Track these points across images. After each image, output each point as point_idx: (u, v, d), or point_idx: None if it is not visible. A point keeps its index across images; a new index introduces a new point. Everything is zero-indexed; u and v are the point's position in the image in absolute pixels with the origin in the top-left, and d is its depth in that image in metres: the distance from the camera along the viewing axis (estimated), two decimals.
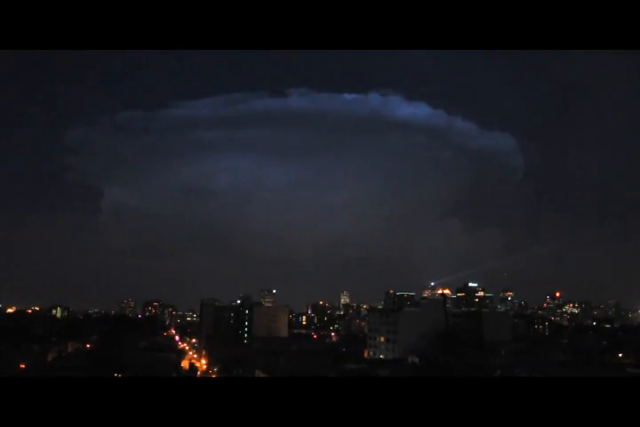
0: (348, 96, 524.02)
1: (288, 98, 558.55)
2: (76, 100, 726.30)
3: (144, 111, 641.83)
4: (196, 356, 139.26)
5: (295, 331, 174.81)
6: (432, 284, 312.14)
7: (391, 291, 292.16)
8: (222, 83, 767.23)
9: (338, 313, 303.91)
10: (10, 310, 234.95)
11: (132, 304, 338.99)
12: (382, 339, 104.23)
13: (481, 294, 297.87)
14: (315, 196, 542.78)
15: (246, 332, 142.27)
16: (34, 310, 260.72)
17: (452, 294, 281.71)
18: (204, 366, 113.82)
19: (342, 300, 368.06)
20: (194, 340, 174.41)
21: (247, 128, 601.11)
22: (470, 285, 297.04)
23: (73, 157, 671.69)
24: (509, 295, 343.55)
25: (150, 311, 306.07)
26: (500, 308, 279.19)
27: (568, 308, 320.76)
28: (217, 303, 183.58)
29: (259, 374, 73.12)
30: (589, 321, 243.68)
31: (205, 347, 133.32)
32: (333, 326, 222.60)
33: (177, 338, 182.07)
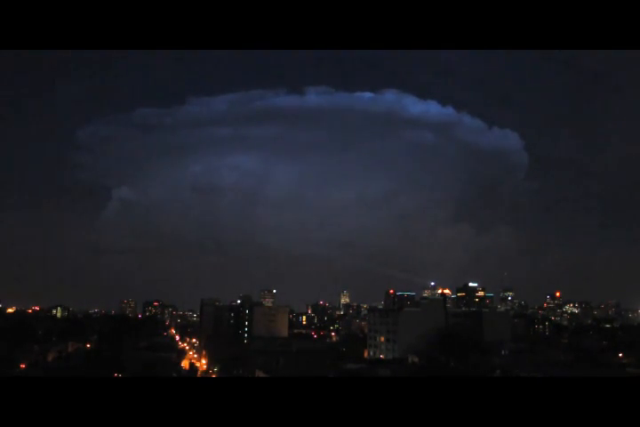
0: (365, 95, 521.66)
1: (305, 96, 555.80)
2: (95, 98, 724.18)
3: (160, 108, 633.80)
4: (196, 356, 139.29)
5: (295, 331, 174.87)
6: (432, 284, 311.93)
7: (391, 291, 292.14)
8: (243, 80, 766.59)
9: (338, 313, 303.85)
10: (10, 310, 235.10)
11: (132, 304, 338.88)
12: (382, 339, 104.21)
13: (481, 293, 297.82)
14: (321, 194, 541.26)
15: (246, 332, 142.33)
16: (34, 310, 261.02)
17: (452, 294, 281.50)
18: (204, 366, 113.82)
19: (342, 300, 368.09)
20: (194, 340, 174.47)
21: (260, 125, 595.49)
22: (470, 285, 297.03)
23: (82, 155, 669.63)
24: (509, 295, 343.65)
25: (150, 311, 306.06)
26: (500, 308, 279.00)
27: (568, 308, 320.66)
28: (217, 303, 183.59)
29: (259, 374, 73.13)
30: (589, 321, 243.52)
31: (205, 347, 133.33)
32: (333, 326, 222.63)
33: (177, 338, 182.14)
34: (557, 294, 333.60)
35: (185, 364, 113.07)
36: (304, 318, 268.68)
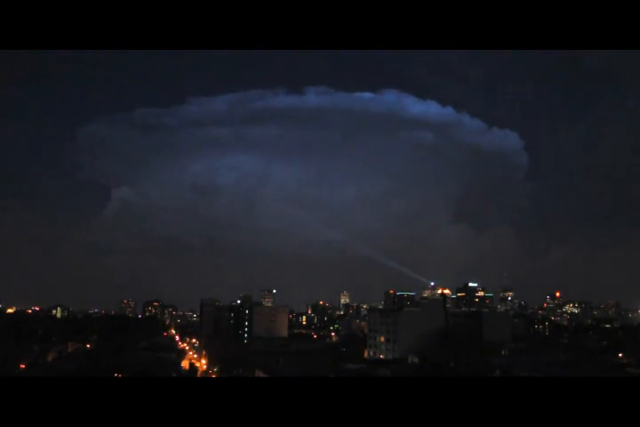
0: (365, 95, 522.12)
1: (305, 96, 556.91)
2: (96, 98, 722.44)
3: (160, 108, 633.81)
4: (196, 356, 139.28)
5: (295, 331, 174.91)
6: (432, 284, 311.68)
7: (391, 291, 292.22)
8: (243, 80, 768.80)
9: (338, 313, 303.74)
10: (10, 310, 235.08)
11: (132, 304, 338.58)
12: (382, 339, 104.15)
13: (481, 293, 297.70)
14: (321, 194, 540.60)
15: (246, 332, 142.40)
16: (34, 310, 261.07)
17: (452, 294, 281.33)
18: (204, 366, 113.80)
19: (342, 300, 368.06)
20: (194, 340, 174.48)
21: (260, 125, 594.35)
22: (470, 285, 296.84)
23: (82, 155, 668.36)
24: (509, 295, 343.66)
25: (150, 311, 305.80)
26: (500, 308, 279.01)
27: (568, 308, 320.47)
28: (217, 303, 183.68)
29: (259, 374, 73.12)
30: (589, 321, 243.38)
31: (205, 347, 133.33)
32: (333, 326, 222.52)
33: (177, 338, 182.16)
34: (557, 294, 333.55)
35: (185, 364, 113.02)
36: (304, 318, 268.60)
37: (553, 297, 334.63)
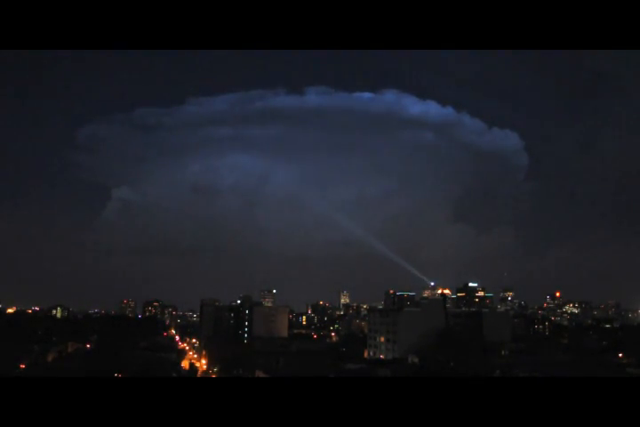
0: (364, 95, 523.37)
1: (305, 96, 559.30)
2: (96, 98, 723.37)
3: (160, 108, 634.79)
4: (196, 356, 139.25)
5: (295, 331, 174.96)
6: (432, 284, 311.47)
7: (391, 291, 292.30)
8: (243, 80, 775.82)
9: (338, 313, 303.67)
10: (10, 310, 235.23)
11: (132, 304, 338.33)
12: (382, 339, 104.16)
13: (481, 293, 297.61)
14: (321, 194, 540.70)
15: (246, 332, 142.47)
16: (34, 310, 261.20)
17: (452, 294, 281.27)
18: (204, 366, 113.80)
19: (342, 300, 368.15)
20: (194, 340, 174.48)
21: (260, 125, 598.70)
22: (470, 285, 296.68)
23: (82, 155, 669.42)
24: (509, 295, 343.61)
25: (150, 311, 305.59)
26: (500, 308, 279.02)
27: (568, 308, 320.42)
28: (217, 303, 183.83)
29: (259, 374, 73.12)
30: (589, 321, 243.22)
31: (205, 347, 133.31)
32: (333, 326, 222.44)
33: (177, 338, 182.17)
34: (557, 294, 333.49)
35: (185, 364, 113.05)
36: (304, 318, 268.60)
37: (553, 297, 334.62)
